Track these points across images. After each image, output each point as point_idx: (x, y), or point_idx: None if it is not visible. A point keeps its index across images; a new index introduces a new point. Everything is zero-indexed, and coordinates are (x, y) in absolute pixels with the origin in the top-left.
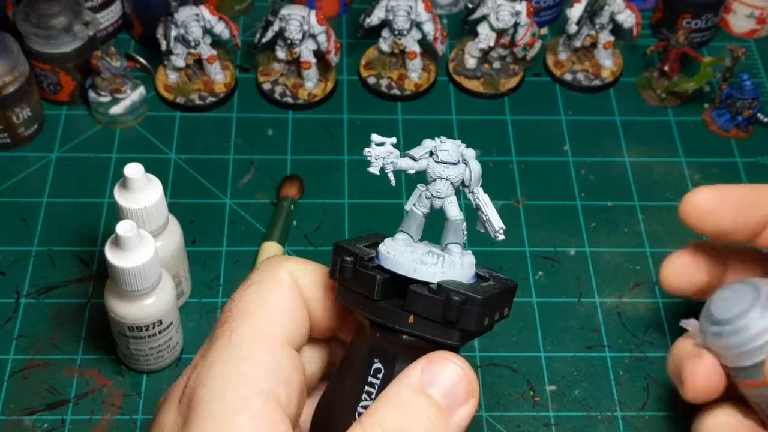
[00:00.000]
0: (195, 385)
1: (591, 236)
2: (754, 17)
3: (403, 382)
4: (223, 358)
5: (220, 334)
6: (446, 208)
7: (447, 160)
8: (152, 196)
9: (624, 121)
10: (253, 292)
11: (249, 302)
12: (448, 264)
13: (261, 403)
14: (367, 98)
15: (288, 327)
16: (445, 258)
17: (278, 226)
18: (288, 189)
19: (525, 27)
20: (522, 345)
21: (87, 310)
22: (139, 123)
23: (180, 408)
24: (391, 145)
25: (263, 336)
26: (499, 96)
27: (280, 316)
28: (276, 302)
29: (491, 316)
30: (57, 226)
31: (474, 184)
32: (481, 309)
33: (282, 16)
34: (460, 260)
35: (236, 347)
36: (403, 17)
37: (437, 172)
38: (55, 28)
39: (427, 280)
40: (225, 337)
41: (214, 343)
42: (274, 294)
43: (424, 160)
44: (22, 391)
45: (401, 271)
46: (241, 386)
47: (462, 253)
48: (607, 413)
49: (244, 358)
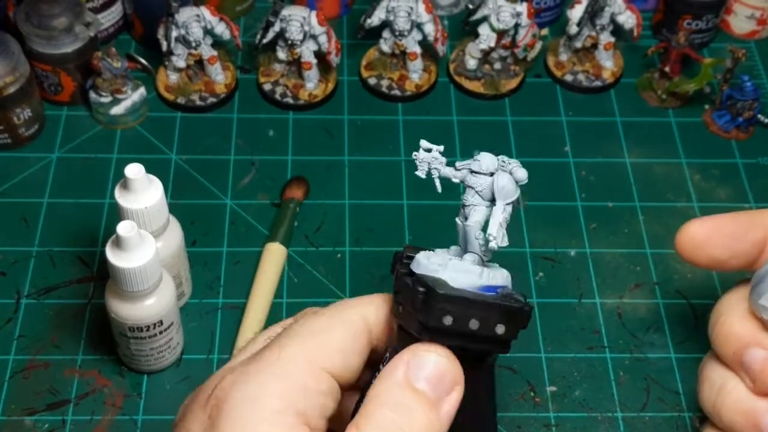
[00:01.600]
0: (230, 388)
1: (591, 237)
2: (755, 18)
3: (390, 378)
4: (266, 372)
5: (271, 346)
6: (469, 215)
7: (478, 170)
8: (153, 197)
9: (624, 122)
10: (319, 322)
11: (311, 330)
12: (452, 269)
13: (293, 420)
14: (368, 99)
15: (338, 364)
16: (450, 263)
17: (283, 228)
18: (295, 191)
19: (526, 28)
20: (522, 345)
21: (88, 311)
22: (140, 123)
23: (206, 409)
24: (438, 152)
25: (312, 362)
26: (499, 97)
27: (335, 353)
28: (338, 339)
29: (461, 320)
30: (58, 227)
31: (498, 197)
32: (439, 303)
33: (283, 16)
34: (471, 268)
35: (284, 363)
36: (404, 18)
37: (467, 180)
38: (56, 29)
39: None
40: (276, 351)
41: (263, 354)
42: (339, 331)
43: (465, 171)
44: (23, 392)
45: (420, 271)
46: (276, 401)
47: (473, 261)
48: (608, 414)
49: (289, 376)
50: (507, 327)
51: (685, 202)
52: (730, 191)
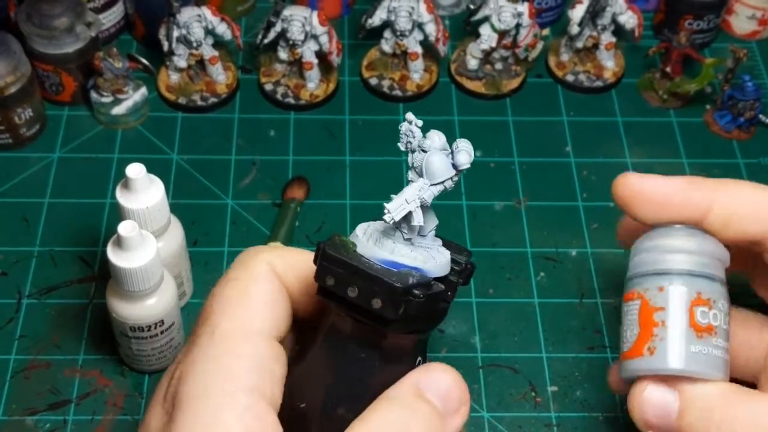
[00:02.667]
0: (179, 384)
1: (593, 237)
2: (756, 18)
3: (402, 388)
4: (206, 355)
5: (201, 331)
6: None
7: (424, 148)
8: (154, 197)
9: (626, 122)
10: (231, 288)
11: (229, 298)
12: (372, 238)
13: (247, 399)
14: (369, 99)
15: (269, 319)
16: (374, 235)
17: (284, 228)
18: (296, 191)
19: (527, 28)
20: (523, 345)
21: (89, 311)
22: (141, 123)
23: (164, 406)
24: (415, 126)
25: (245, 330)
26: (500, 97)
27: (260, 310)
28: (256, 296)
29: (341, 284)
30: (59, 227)
31: (424, 175)
32: (324, 261)
33: (284, 16)
34: (386, 242)
35: (219, 343)
36: (405, 18)
37: (410, 157)
38: (57, 29)
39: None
40: (207, 334)
41: (197, 341)
42: (253, 288)
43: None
44: (24, 392)
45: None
46: (226, 383)
47: (400, 237)
48: (609, 414)
49: (228, 354)
50: (383, 303)
51: None
52: None
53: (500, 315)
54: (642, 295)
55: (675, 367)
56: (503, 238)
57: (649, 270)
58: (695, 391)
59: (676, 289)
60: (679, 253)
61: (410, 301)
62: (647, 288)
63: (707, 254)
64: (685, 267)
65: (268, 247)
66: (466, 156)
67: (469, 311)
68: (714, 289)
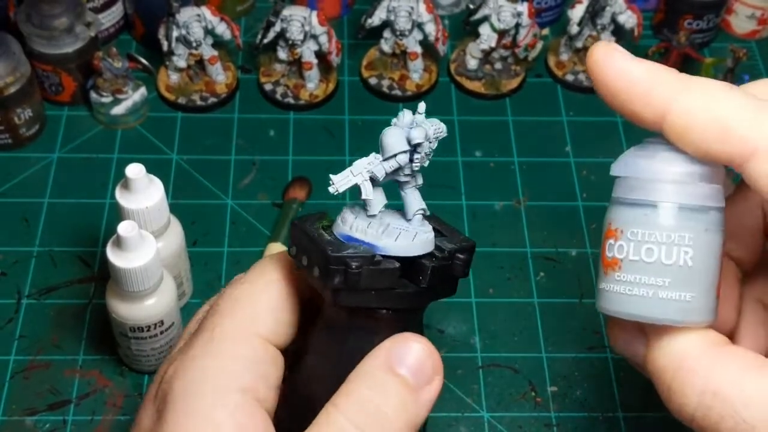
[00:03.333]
0: (172, 379)
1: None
2: (756, 18)
3: (372, 362)
4: (204, 352)
5: (203, 327)
6: None
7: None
8: (153, 197)
9: (625, 121)
10: (242, 290)
11: (237, 299)
12: (347, 214)
13: (239, 398)
14: (369, 99)
15: (271, 323)
16: (356, 212)
17: (285, 228)
18: (297, 191)
19: (526, 28)
20: (523, 345)
21: (88, 311)
22: (141, 123)
23: (155, 402)
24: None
25: (246, 332)
26: (500, 97)
27: (265, 315)
28: (264, 301)
29: (299, 253)
30: (58, 227)
31: (379, 149)
32: (291, 232)
33: (283, 16)
34: (348, 217)
35: (218, 342)
36: (405, 18)
37: None
38: (56, 29)
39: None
40: (208, 331)
41: (197, 337)
42: (263, 293)
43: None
44: (24, 392)
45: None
46: (219, 380)
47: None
48: (609, 414)
49: (224, 353)
50: (319, 271)
51: None
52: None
53: (500, 315)
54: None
55: (599, 306)
56: (503, 238)
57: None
58: (658, 340)
59: (604, 222)
60: (618, 178)
61: (347, 272)
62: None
63: (638, 177)
64: (615, 194)
65: (285, 253)
66: (421, 132)
67: (468, 311)
68: (626, 215)
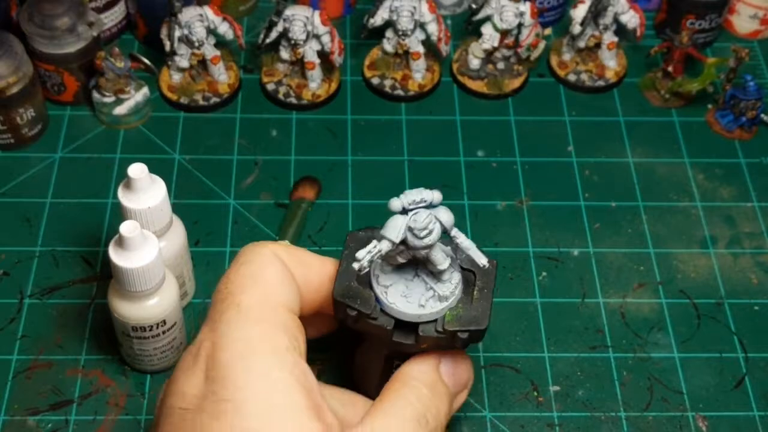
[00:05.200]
0: (214, 352)
1: (595, 237)
2: (758, 18)
3: (423, 366)
4: (238, 326)
5: (224, 307)
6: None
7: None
8: (156, 197)
9: (628, 121)
10: (246, 269)
11: (246, 277)
12: (436, 299)
13: (291, 357)
14: (371, 99)
15: (286, 295)
16: (434, 295)
17: (293, 227)
18: (307, 191)
19: (529, 27)
20: (525, 345)
21: (91, 311)
22: (143, 123)
23: (196, 367)
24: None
25: (269, 302)
26: (502, 96)
27: (278, 286)
28: (271, 275)
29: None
30: (61, 227)
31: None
32: (483, 334)
33: (286, 16)
34: (445, 289)
35: (247, 314)
36: (407, 18)
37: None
38: (58, 29)
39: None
40: (232, 309)
41: (222, 316)
42: (268, 268)
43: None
44: (26, 392)
45: (407, 319)
46: (266, 345)
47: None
48: (611, 414)
49: (260, 321)
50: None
51: (688, 202)
52: (734, 191)
53: (502, 315)
54: None
55: None
56: (505, 238)
57: None
58: None
59: None
60: None
61: (346, 315)
62: None
63: None
64: None
65: (271, 242)
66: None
67: None
68: None
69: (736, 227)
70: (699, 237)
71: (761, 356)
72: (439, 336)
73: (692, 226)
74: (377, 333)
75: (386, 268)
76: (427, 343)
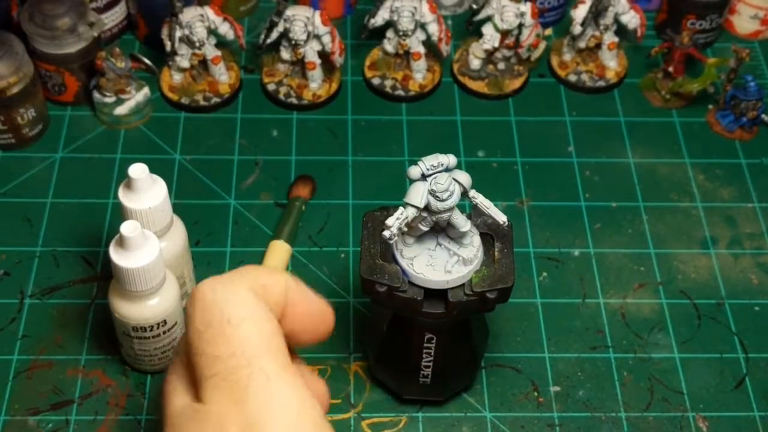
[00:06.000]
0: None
1: (595, 237)
2: (759, 18)
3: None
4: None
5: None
6: (454, 222)
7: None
8: (156, 197)
9: (628, 122)
10: (249, 327)
11: (254, 335)
12: (461, 264)
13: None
14: (372, 99)
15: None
16: (459, 260)
17: (288, 226)
18: (301, 189)
19: (529, 28)
20: (526, 346)
21: (91, 311)
22: (144, 124)
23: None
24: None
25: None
26: (503, 97)
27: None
28: (254, 276)
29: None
30: (61, 227)
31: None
32: (509, 292)
33: (286, 16)
34: (468, 252)
35: (278, 379)
36: (408, 18)
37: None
38: (59, 29)
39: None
40: (260, 377)
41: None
42: (250, 272)
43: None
44: (27, 392)
45: (435, 286)
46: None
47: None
48: (611, 414)
49: (296, 387)
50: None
51: (688, 203)
52: (734, 191)
53: (503, 315)
54: None
55: None
56: None
57: None
58: None
59: None
60: None
61: (376, 292)
62: None
63: None
64: None
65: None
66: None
67: None
68: None
69: (737, 228)
70: (699, 237)
71: (762, 356)
72: (468, 299)
73: (693, 226)
74: (408, 306)
75: (409, 241)
76: (457, 309)
